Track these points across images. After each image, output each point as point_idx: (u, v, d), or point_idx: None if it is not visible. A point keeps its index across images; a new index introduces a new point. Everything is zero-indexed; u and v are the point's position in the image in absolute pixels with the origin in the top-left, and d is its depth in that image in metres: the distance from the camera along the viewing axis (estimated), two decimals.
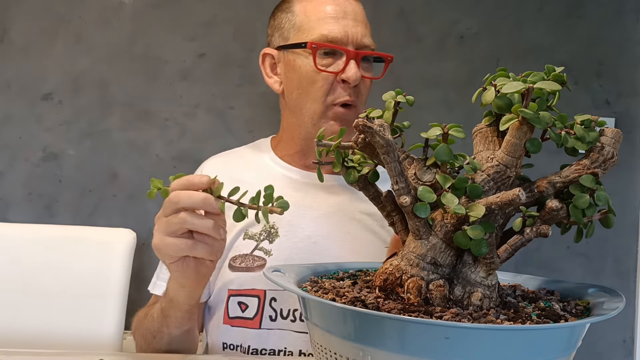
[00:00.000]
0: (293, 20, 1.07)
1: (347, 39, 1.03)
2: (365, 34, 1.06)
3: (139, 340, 1.02)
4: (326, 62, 1.03)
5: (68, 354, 1.01)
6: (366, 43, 1.05)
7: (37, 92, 1.80)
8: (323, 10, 1.04)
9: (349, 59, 1.02)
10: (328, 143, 0.66)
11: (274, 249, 1.05)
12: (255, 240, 1.07)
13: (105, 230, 1.53)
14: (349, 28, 1.03)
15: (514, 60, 1.90)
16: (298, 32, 1.06)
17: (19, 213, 1.78)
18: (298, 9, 1.07)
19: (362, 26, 1.06)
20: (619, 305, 0.57)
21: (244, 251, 1.06)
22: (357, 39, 1.03)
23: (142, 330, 0.99)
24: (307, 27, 1.05)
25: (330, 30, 1.03)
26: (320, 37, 1.03)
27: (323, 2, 1.06)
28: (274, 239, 1.06)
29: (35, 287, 1.37)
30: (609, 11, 1.95)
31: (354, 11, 1.06)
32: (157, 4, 1.83)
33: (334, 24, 1.03)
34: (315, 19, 1.04)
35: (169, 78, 1.82)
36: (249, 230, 1.07)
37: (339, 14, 1.04)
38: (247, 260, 1.05)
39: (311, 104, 1.05)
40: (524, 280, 0.73)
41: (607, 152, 0.59)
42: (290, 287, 0.60)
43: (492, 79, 0.61)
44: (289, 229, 1.07)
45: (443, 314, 0.55)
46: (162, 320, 0.92)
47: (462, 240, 0.57)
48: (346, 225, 1.08)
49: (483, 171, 0.60)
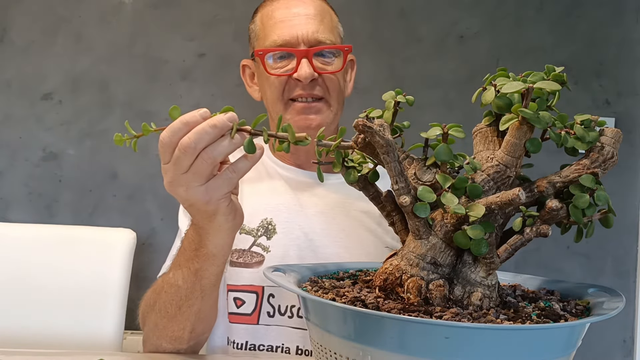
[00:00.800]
0: (255, 30, 1.14)
1: (297, 39, 1.06)
2: (319, 29, 1.07)
3: (156, 321, 0.93)
4: (281, 65, 1.07)
5: (68, 354, 1.00)
6: (319, 39, 1.07)
7: (37, 92, 1.80)
8: (273, 16, 1.09)
9: (300, 58, 1.05)
10: (328, 143, 0.66)
11: (271, 246, 1.06)
12: (253, 236, 1.07)
13: (105, 230, 1.53)
14: (298, 29, 1.06)
15: (514, 60, 1.90)
16: (258, 41, 1.12)
17: (19, 213, 1.78)
18: (257, 18, 1.14)
19: (314, 23, 1.07)
20: (619, 305, 0.57)
21: (241, 246, 1.07)
22: (308, 37, 1.06)
23: (161, 306, 0.91)
24: (263, 35, 1.10)
25: (279, 34, 1.07)
26: (271, 42, 1.07)
27: (275, 7, 1.10)
28: (271, 235, 1.07)
29: (35, 287, 1.37)
30: (609, 11, 1.95)
31: (305, 11, 1.08)
32: (157, 4, 1.83)
33: (283, 28, 1.07)
34: (268, 26, 1.09)
35: (169, 78, 1.82)
36: (246, 225, 1.07)
37: (287, 17, 1.08)
38: (245, 256, 1.06)
39: (274, 106, 1.10)
40: (524, 280, 0.73)
41: (607, 152, 0.59)
42: (290, 287, 0.60)
43: (492, 78, 0.61)
44: (286, 226, 1.08)
45: (443, 314, 0.55)
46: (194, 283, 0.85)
47: (462, 240, 0.57)
48: (343, 223, 1.09)
49: (483, 171, 0.60)
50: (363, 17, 1.86)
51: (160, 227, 1.80)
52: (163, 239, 1.78)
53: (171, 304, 0.89)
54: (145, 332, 0.99)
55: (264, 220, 1.08)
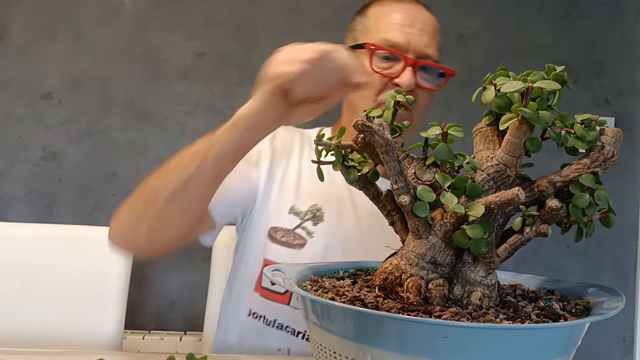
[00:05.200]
0: (364, 23, 1.12)
1: (409, 47, 1.05)
2: (430, 44, 1.07)
3: (154, 189, 0.90)
4: (384, 65, 1.05)
5: (68, 354, 1.00)
6: (428, 53, 1.06)
7: (37, 91, 1.80)
8: (392, 16, 1.07)
9: (406, 65, 1.03)
10: (328, 142, 0.66)
11: (316, 232, 1.07)
12: (300, 219, 1.08)
13: (105, 230, 1.52)
14: (413, 36, 1.05)
15: (514, 60, 1.90)
16: (366, 34, 1.10)
17: (18, 212, 1.78)
18: (371, 13, 1.12)
19: (428, 37, 1.07)
20: (619, 304, 0.57)
21: (287, 226, 1.08)
22: (419, 48, 1.05)
23: (172, 171, 0.89)
24: (374, 30, 1.08)
25: (393, 35, 1.05)
26: (382, 40, 1.05)
27: (395, 9, 1.09)
28: (318, 222, 1.08)
29: (34, 286, 1.37)
30: (609, 11, 1.95)
31: (423, 22, 1.08)
32: (157, 4, 1.83)
33: (399, 30, 1.05)
34: (383, 23, 1.08)
35: (168, 78, 1.82)
36: (295, 206, 1.08)
37: (405, 22, 1.06)
38: (289, 236, 1.07)
39: (364, 103, 1.07)
40: (523, 280, 0.73)
41: (608, 152, 0.59)
42: (290, 287, 0.60)
43: (492, 78, 0.61)
44: (335, 217, 1.09)
45: (442, 313, 0.55)
46: (207, 150, 0.85)
47: (462, 240, 0.57)
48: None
49: (483, 170, 0.60)
50: None
51: None
52: None
53: (175, 177, 0.87)
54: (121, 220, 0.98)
55: (313, 206, 1.09)
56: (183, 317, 1.82)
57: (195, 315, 1.79)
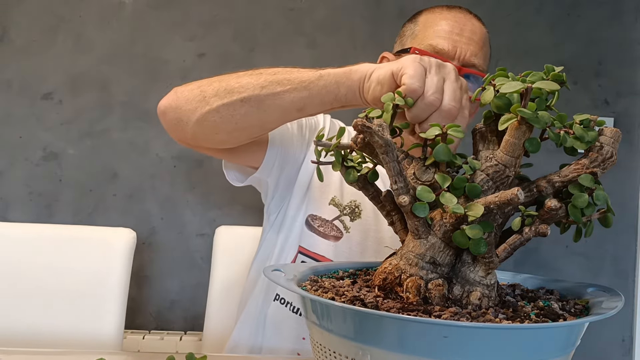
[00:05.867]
0: (413, 29, 1.12)
1: (454, 54, 1.04)
2: (476, 54, 1.06)
3: (229, 87, 0.92)
4: None
5: (68, 354, 1.01)
6: (474, 62, 1.06)
7: (37, 91, 1.80)
8: (441, 24, 1.08)
9: None
10: (327, 143, 0.66)
11: (352, 228, 1.08)
12: (340, 211, 1.08)
13: (105, 230, 1.52)
14: (460, 44, 1.05)
15: (513, 60, 1.90)
16: (413, 40, 1.10)
17: (19, 212, 1.78)
18: (421, 20, 1.12)
19: (475, 46, 1.07)
20: (618, 304, 0.57)
21: (326, 216, 1.08)
22: (465, 56, 1.05)
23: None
24: (422, 36, 1.09)
25: (439, 42, 1.05)
26: (428, 46, 1.05)
27: (444, 17, 1.09)
28: (355, 218, 1.09)
29: (35, 286, 1.37)
30: (608, 11, 1.95)
31: (471, 31, 1.07)
32: (157, 4, 1.83)
33: (446, 38, 1.05)
34: (432, 30, 1.08)
35: (169, 78, 1.82)
36: (336, 197, 1.09)
37: (454, 30, 1.06)
38: (326, 226, 1.07)
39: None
40: (523, 280, 0.73)
41: (606, 152, 0.59)
42: (290, 286, 0.60)
43: (492, 78, 0.61)
44: (372, 216, 1.09)
45: (442, 313, 0.55)
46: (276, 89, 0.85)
47: (461, 240, 0.58)
48: None
49: (482, 171, 0.60)
50: (363, 17, 1.85)
51: (160, 227, 1.80)
52: (163, 238, 1.78)
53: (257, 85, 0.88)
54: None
55: (353, 201, 1.09)
56: (183, 317, 1.82)
57: (195, 315, 1.79)
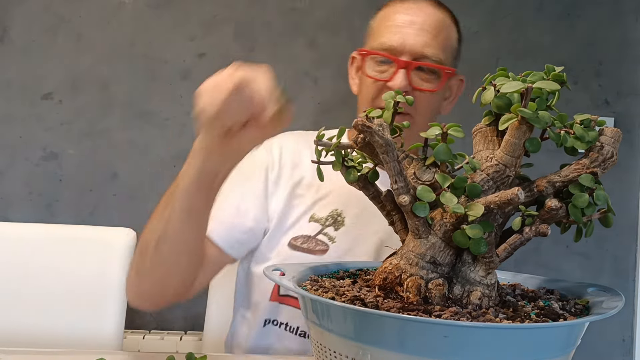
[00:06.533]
0: (372, 27, 1.11)
1: (403, 49, 1.02)
2: (429, 44, 1.03)
3: (145, 241, 0.90)
4: (381, 69, 1.05)
5: (68, 354, 1.00)
6: (426, 53, 1.03)
7: (37, 91, 1.80)
8: (392, 18, 1.06)
9: (398, 68, 1.02)
10: (327, 143, 0.66)
11: (337, 237, 1.06)
12: (321, 225, 1.07)
13: (105, 230, 1.52)
14: (409, 37, 1.03)
15: (513, 60, 1.90)
16: (370, 38, 1.09)
17: (19, 212, 1.78)
18: (378, 16, 1.11)
19: (426, 36, 1.03)
20: (618, 304, 0.57)
21: (308, 233, 1.07)
22: (415, 48, 1.02)
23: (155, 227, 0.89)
24: (376, 34, 1.08)
25: (388, 38, 1.04)
26: (379, 44, 1.04)
27: (396, 10, 1.07)
28: (339, 227, 1.07)
29: (35, 286, 1.37)
30: (608, 11, 1.95)
31: (423, 21, 1.04)
32: (157, 4, 1.83)
33: (395, 33, 1.04)
34: (383, 26, 1.06)
35: (169, 78, 1.82)
36: (315, 213, 1.07)
37: (403, 23, 1.04)
38: (310, 242, 1.06)
39: (364, 105, 1.07)
40: (523, 279, 0.73)
41: (607, 152, 0.59)
42: (290, 286, 0.60)
43: (492, 78, 0.61)
44: (356, 221, 1.07)
45: (442, 313, 0.55)
46: (172, 192, 0.85)
47: (461, 240, 0.58)
48: None
49: (482, 170, 0.60)
50: (363, 17, 1.85)
51: None
52: None
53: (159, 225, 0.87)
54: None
55: (334, 210, 1.08)
56: (183, 317, 1.82)
57: (195, 315, 1.79)
